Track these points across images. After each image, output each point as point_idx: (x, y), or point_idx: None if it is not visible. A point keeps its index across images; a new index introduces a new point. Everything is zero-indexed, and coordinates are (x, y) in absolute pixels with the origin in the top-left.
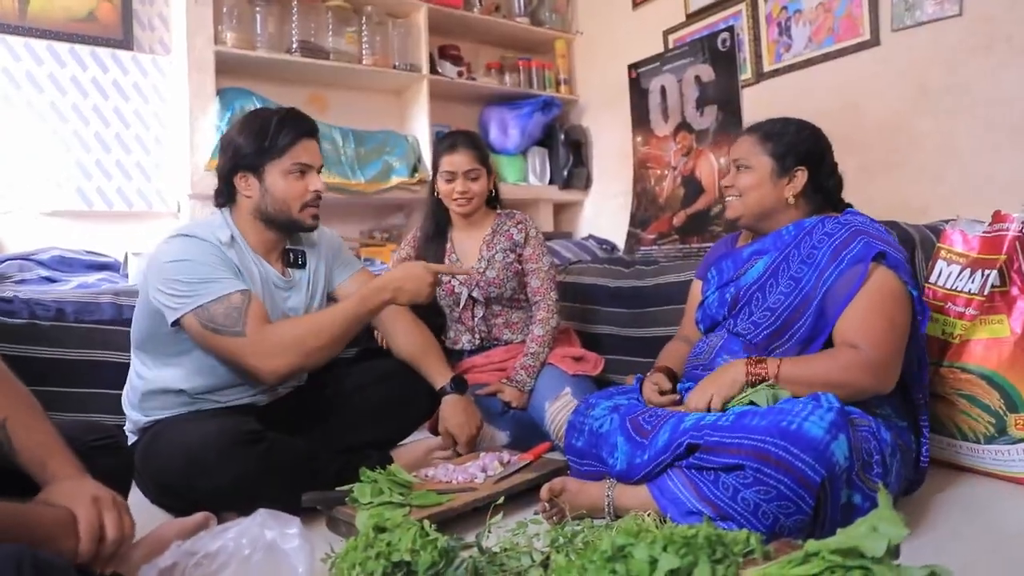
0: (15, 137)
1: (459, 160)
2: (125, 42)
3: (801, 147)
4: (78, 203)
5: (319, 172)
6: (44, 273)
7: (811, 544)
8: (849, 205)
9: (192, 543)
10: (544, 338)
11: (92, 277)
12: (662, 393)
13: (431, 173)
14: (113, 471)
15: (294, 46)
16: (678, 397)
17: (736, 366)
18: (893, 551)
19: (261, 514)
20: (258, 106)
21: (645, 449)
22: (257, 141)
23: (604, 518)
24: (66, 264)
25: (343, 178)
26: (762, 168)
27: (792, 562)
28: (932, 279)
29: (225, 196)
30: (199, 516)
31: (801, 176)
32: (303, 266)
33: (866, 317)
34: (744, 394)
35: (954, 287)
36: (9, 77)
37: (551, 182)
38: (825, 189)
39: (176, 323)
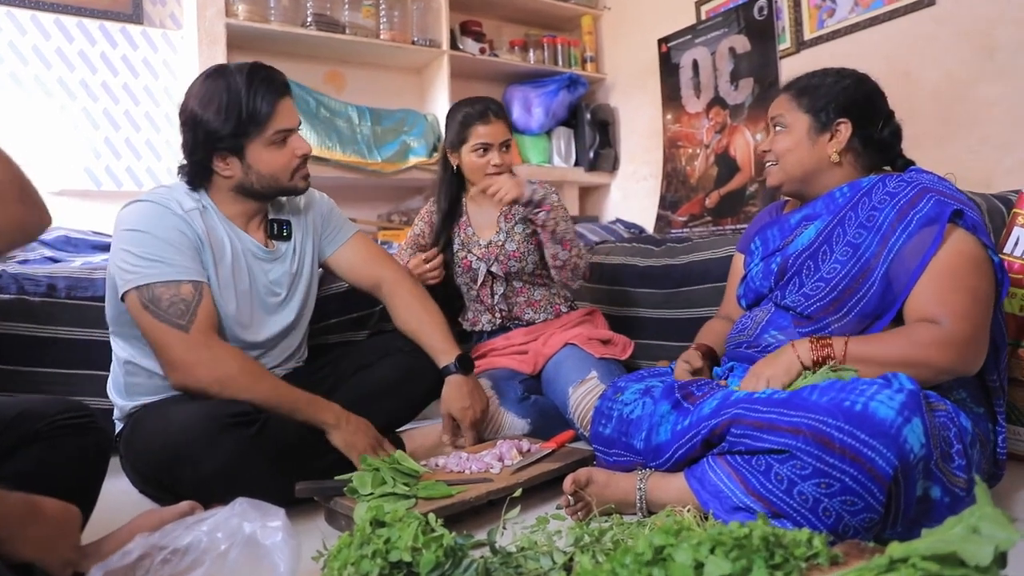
0: (22, 114)
1: (495, 131)
2: (135, 16)
3: (841, 97)
4: (86, 182)
5: (298, 129)
6: (48, 253)
7: (895, 547)
8: (912, 163)
9: (160, 536)
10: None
11: (97, 257)
12: (693, 373)
13: (450, 144)
14: (84, 452)
15: (309, 19)
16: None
17: (790, 350)
18: (999, 559)
19: (241, 503)
20: None
21: (689, 415)
22: (232, 117)
23: (635, 514)
24: (71, 244)
25: (359, 157)
26: (799, 126)
27: (874, 570)
28: (1008, 249)
29: (200, 178)
30: (183, 505)
31: (845, 129)
32: (288, 237)
33: (946, 286)
34: (803, 379)
35: None
36: (15, 52)
37: (576, 164)
38: (878, 142)
39: (122, 298)
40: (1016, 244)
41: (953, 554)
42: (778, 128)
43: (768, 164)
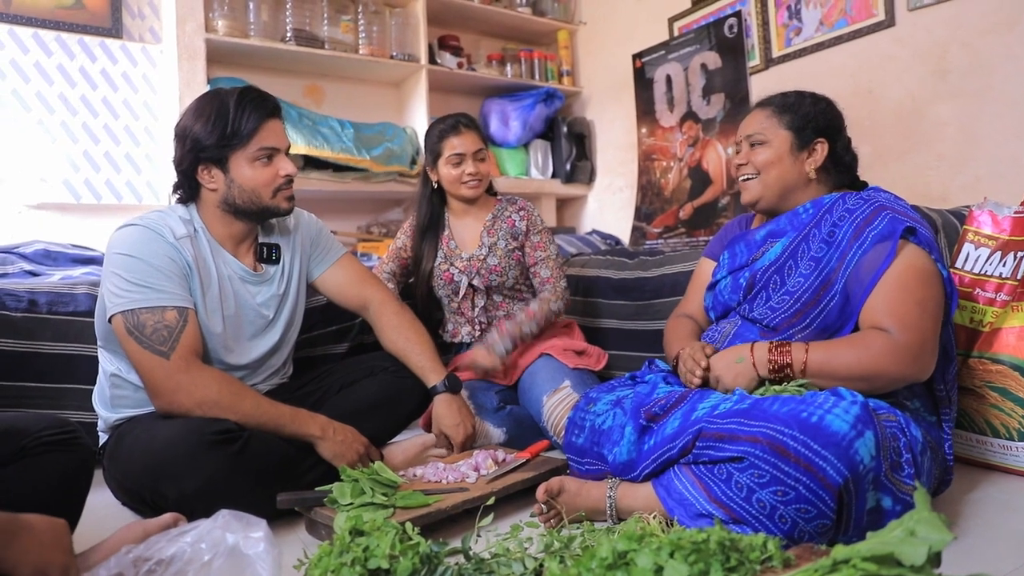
0: (0, 127)
1: (467, 141)
2: (114, 30)
3: (820, 118)
4: (65, 196)
5: (287, 154)
6: (27, 267)
7: (839, 550)
8: (866, 184)
9: (144, 548)
10: (536, 314)
11: (77, 271)
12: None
13: (429, 161)
14: (67, 469)
15: (288, 34)
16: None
17: (748, 357)
18: (933, 559)
19: (223, 515)
20: None
21: (653, 435)
22: (218, 129)
23: (605, 521)
24: (50, 258)
25: (349, 155)
26: (780, 142)
27: (819, 570)
28: (958, 264)
29: (188, 191)
30: (167, 517)
31: (822, 149)
32: (277, 261)
33: (897, 298)
34: (765, 391)
35: (983, 271)
36: None
37: (554, 176)
38: (844, 164)
39: (109, 320)
40: (966, 259)
41: (890, 555)
42: (755, 143)
43: (744, 178)
